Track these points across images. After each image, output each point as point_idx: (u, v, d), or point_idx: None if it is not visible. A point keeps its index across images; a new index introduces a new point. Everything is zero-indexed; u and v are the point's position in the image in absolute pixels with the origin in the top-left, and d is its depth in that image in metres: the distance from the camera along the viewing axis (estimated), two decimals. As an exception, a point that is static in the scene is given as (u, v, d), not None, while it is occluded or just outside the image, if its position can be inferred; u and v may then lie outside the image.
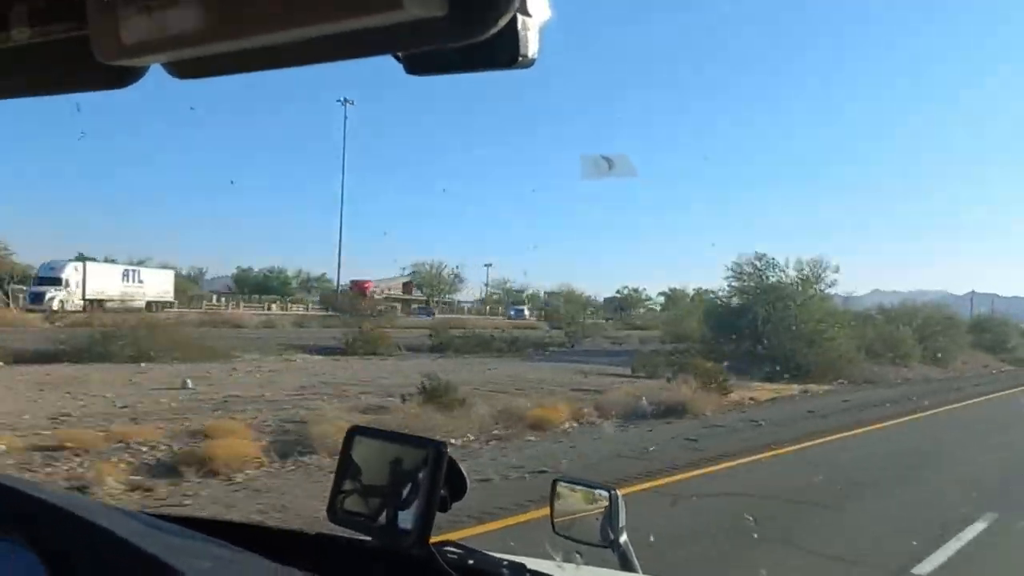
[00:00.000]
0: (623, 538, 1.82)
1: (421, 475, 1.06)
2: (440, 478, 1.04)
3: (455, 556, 1.15)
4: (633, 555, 1.81)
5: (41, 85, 0.82)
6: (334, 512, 1.14)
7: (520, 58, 0.58)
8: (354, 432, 1.16)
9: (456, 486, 1.08)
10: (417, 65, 0.65)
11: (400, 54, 0.65)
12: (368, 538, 1.15)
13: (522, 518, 6.66)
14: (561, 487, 1.90)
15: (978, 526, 7.13)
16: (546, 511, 1.85)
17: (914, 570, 5.86)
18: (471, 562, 1.17)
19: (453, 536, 1.52)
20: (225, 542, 1.06)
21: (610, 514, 1.83)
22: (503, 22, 0.54)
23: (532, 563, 1.21)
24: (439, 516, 1.06)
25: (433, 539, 1.08)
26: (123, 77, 0.72)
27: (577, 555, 1.71)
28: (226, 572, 0.94)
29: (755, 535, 6.30)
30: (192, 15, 0.57)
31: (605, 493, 1.85)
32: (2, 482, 1.13)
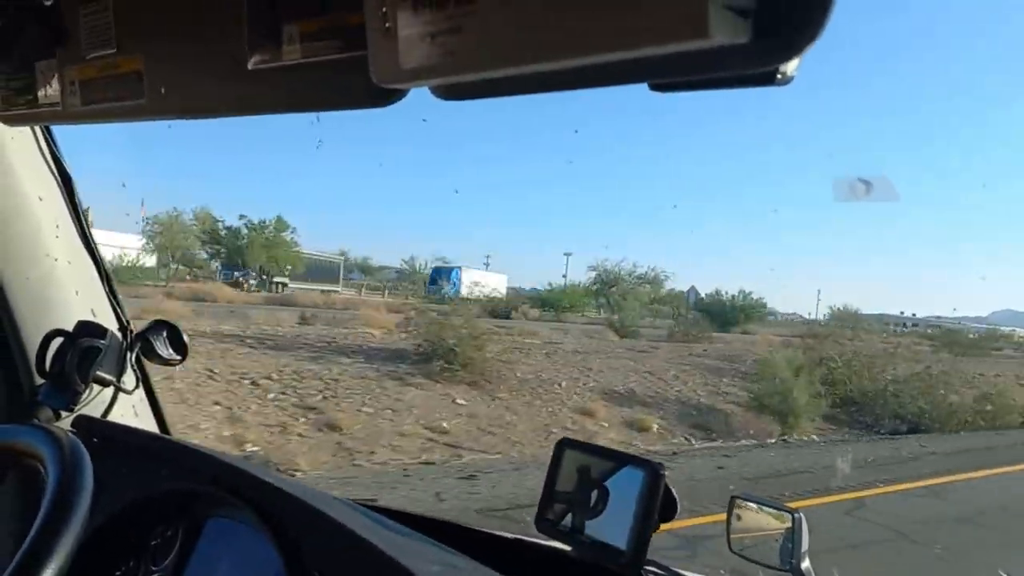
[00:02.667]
0: (805, 564, 1.74)
1: (635, 495, 1.05)
2: (657, 499, 1.04)
3: None
4: (816, 582, 1.73)
5: (308, 102, 0.87)
6: (541, 521, 1.16)
7: (779, 75, 0.54)
8: (563, 444, 1.17)
9: (668, 508, 1.07)
10: (664, 83, 0.62)
11: None
12: (567, 548, 1.16)
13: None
14: (739, 504, 1.85)
15: None
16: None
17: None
18: None
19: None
20: (445, 545, 1.10)
21: (792, 537, 1.76)
22: (809, 48, 0.50)
23: None
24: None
25: None
26: (388, 97, 0.75)
27: None
28: None
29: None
30: (470, 42, 0.58)
31: (788, 515, 1.79)
32: (241, 467, 1.23)
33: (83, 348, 1.30)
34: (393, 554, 0.95)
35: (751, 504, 1.88)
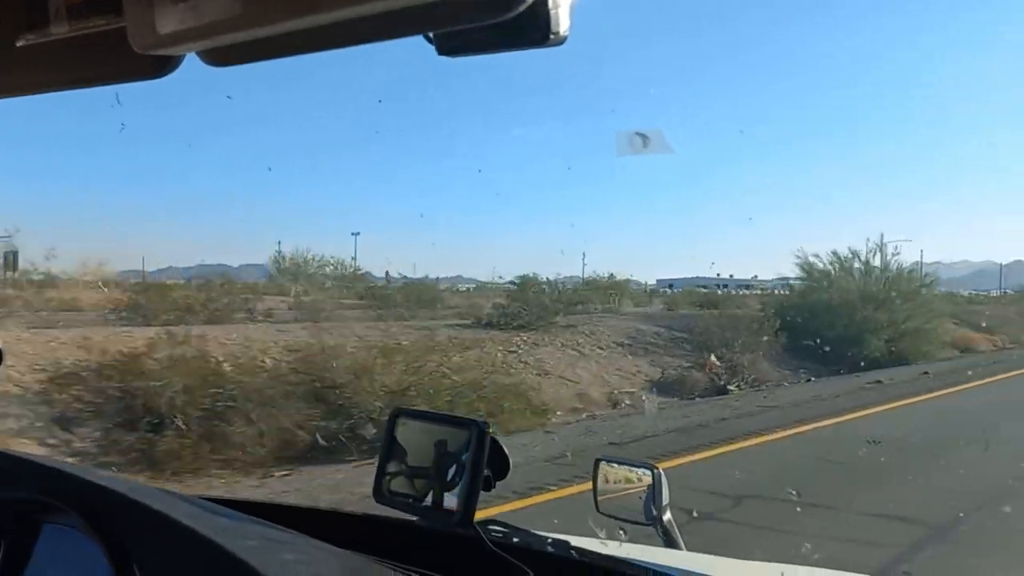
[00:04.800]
0: (667, 516, 1.82)
1: (465, 455, 1.07)
2: (483, 458, 1.06)
3: (499, 534, 1.17)
4: (677, 532, 1.81)
5: (80, 78, 0.84)
6: (380, 493, 1.16)
7: (552, 35, 0.58)
8: (397, 414, 1.18)
9: (499, 465, 1.09)
10: (448, 46, 0.65)
11: (431, 35, 0.65)
12: (415, 518, 1.17)
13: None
14: (603, 466, 1.91)
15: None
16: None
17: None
18: (515, 540, 1.18)
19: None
20: (273, 523, 1.09)
21: (653, 492, 1.83)
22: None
23: (576, 540, 1.21)
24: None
25: (478, 517, 1.09)
26: (159, 67, 0.74)
27: (621, 532, 1.72)
28: (270, 549, 0.97)
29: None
30: (225, 2, 0.57)
31: (648, 472, 1.86)
32: (63, 470, 1.18)
33: None
34: (211, 536, 0.93)
35: (614, 464, 1.94)
